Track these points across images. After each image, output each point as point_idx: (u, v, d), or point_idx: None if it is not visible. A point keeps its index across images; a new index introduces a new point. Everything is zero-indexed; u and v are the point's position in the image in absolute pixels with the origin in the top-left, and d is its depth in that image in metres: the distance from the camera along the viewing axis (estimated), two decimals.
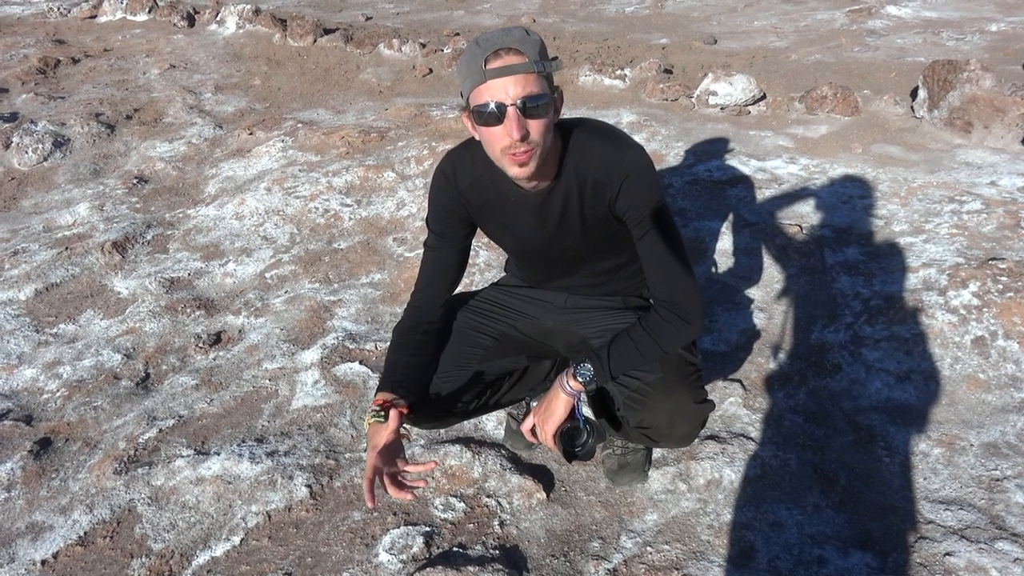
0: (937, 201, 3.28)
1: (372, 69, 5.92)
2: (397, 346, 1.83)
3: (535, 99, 1.47)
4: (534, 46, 1.48)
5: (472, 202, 1.77)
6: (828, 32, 6.76)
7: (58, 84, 5.85)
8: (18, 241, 3.69)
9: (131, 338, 2.96)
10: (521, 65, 1.46)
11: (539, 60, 1.48)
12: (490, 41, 1.47)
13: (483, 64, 1.46)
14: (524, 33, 1.49)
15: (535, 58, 1.47)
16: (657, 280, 1.69)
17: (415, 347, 1.82)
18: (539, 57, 1.48)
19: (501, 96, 1.46)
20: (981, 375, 2.40)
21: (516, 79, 1.46)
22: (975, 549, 1.83)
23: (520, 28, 1.50)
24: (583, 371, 1.70)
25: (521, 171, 1.55)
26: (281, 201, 3.85)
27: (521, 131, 1.47)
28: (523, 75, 1.46)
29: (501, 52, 1.46)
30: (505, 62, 1.46)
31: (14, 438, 2.46)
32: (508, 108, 1.47)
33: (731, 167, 3.80)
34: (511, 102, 1.46)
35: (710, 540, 1.94)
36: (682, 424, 1.76)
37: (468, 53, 1.50)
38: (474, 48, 1.49)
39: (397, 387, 1.73)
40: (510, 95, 1.46)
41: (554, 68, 1.51)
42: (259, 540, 2.02)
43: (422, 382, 1.82)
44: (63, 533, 2.09)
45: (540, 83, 1.49)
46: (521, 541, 1.98)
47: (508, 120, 1.47)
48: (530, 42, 1.48)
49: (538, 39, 1.50)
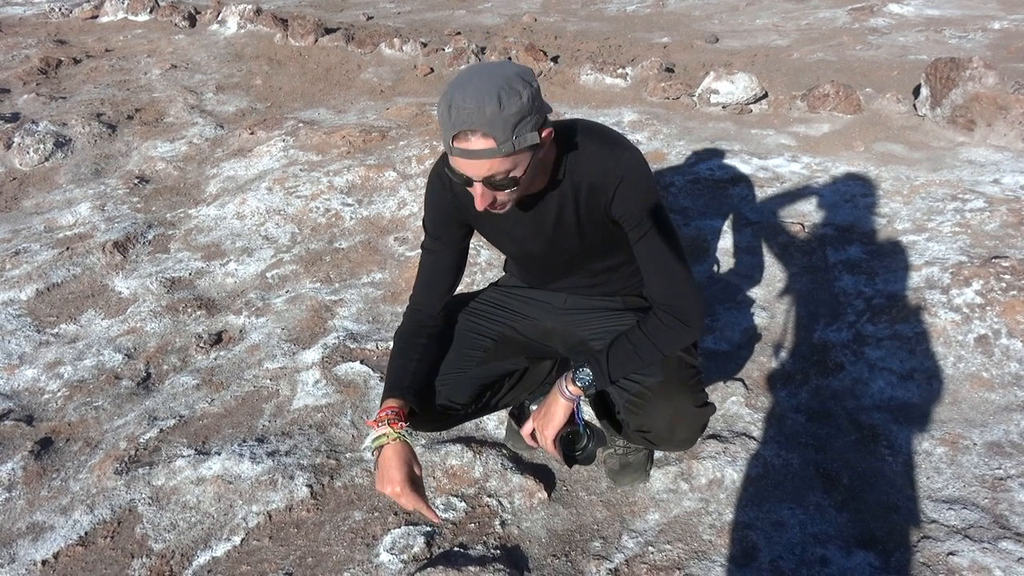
0: (940, 199, 3.27)
1: (373, 68, 5.92)
2: (403, 351, 1.81)
3: (502, 177, 1.46)
4: (507, 124, 1.39)
5: (467, 205, 1.75)
6: (830, 30, 6.75)
7: (59, 84, 5.85)
8: (19, 241, 3.69)
9: (132, 338, 2.96)
10: (486, 151, 1.41)
11: (509, 139, 1.40)
12: (461, 115, 1.38)
13: (451, 139, 1.43)
14: (497, 107, 1.37)
15: (505, 138, 1.39)
16: (655, 283, 1.68)
17: (421, 351, 1.81)
18: (511, 134, 1.40)
19: (467, 171, 1.47)
20: (984, 374, 2.39)
21: (481, 163, 1.43)
22: (978, 548, 1.82)
23: (495, 94, 1.38)
24: (582, 376, 1.69)
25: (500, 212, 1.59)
26: (282, 201, 3.85)
27: (487, 201, 1.51)
28: (488, 160, 1.43)
29: (468, 133, 1.40)
30: (470, 146, 1.41)
31: (15, 438, 2.45)
32: (475, 182, 1.48)
33: (733, 166, 3.79)
34: (477, 179, 1.47)
35: (712, 540, 1.93)
36: (682, 428, 1.75)
37: (441, 109, 1.43)
38: (446, 113, 1.41)
39: (407, 392, 1.73)
40: (475, 173, 1.46)
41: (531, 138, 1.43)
42: (260, 540, 2.02)
43: (428, 387, 1.82)
44: (64, 533, 2.09)
45: (509, 161, 1.44)
46: (522, 541, 1.97)
47: (475, 191, 1.50)
48: (502, 121, 1.38)
49: (514, 109, 1.39)
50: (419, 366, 1.79)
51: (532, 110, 1.42)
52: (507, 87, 1.39)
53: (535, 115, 1.43)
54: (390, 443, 1.63)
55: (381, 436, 1.64)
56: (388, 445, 1.63)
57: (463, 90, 1.39)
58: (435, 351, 1.86)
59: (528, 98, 1.41)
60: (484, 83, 1.39)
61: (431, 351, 1.84)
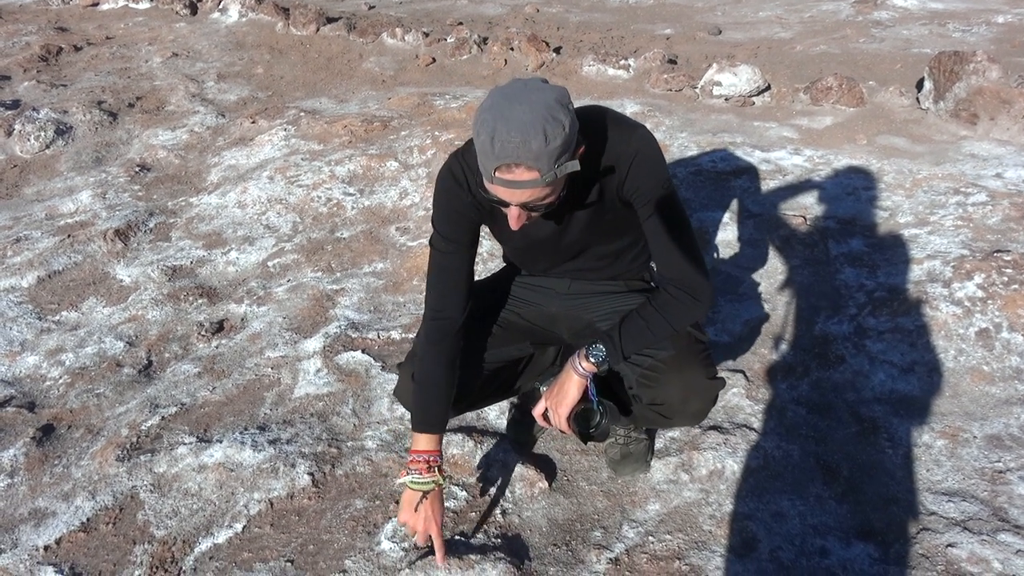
0: (942, 193, 3.27)
1: (375, 58, 5.90)
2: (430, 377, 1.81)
3: (540, 202, 1.50)
4: (551, 157, 1.39)
5: (485, 205, 1.71)
6: (833, 23, 6.73)
7: (60, 72, 5.84)
8: (20, 228, 3.68)
9: (133, 326, 2.96)
10: (530, 182, 1.42)
11: (552, 170, 1.41)
12: (506, 149, 1.37)
13: (492, 169, 1.42)
14: (543, 142, 1.36)
15: (548, 168, 1.40)
16: (665, 258, 1.69)
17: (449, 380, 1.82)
18: (554, 165, 1.40)
19: (506, 198, 1.48)
20: (985, 367, 2.39)
21: (523, 192, 1.45)
22: (977, 541, 1.83)
23: (543, 129, 1.36)
24: (595, 352, 1.70)
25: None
26: (284, 190, 3.84)
27: (522, 222, 1.54)
28: (529, 189, 1.44)
29: (513, 166, 1.40)
30: (514, 176, 1.42)
31: (17, 425, 2.46)
32: (511, 206, 1.50)
33: (735, 158, 3.78)
34: (515, 203, 1.49)
35: (712, 530, 1.94)
36: (695, 400, 1.77)
37: (482, 139, 1.40)
38: (487, 143, 1.39)
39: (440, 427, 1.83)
40: (514, 200, 1.48)
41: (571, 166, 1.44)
42: (261, 527, 2.03)
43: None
44: (66, 519, 2.10)
45: (549, 188, 1.46)
46: (523, 530, 1.98)
47: (510, 212, 1.52)
48: (548, 153, 1.38)
49: (559, 142, 1.38)
50: (449, 393, 1.82)
51: (573, 136, 1.44)
52: (551, 118, 1.38)
53: (575, 139, 1.45)
54: (435, 490, 1.78)
55: (428, 483, 1.77)
56: (432, 492, 1.78)
57: (506, 122, 1.37)
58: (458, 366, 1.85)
59: (569, 125, 1.41)
60: (527, 115, 1.37)
61: (457, 369, 1.84)
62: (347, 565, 1.89)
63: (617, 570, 1.84)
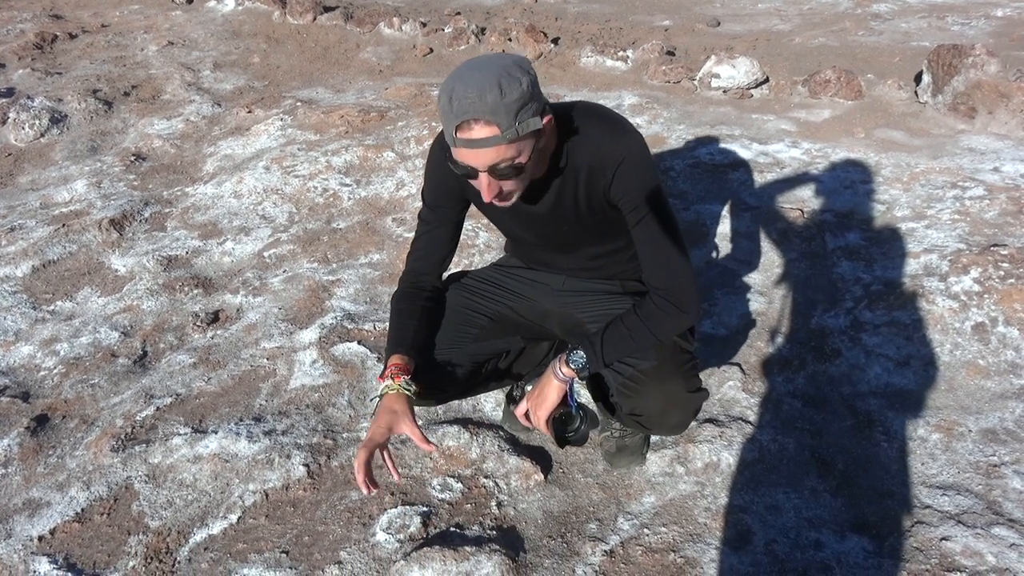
0: (939, 187, 3.27)
1: (372, 48, 5.87)
2: (402, 311, 1.82)
3: (507, 165, 1.46)
4: (509, 111, 1.39)
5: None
6: (832, 15, 6.71)
7: (55, 60, 5.80)
8: (15, 218, 3.66)
9: (128, 316, 2.95)
10: (491, 139, 1.41)
11: (512, 126, 1.41)
12: (463, 105, 1.39)
13: (454, 130, 1.43)
14: (498, 95, 1.38)
15: (508, 124, 1.40)
16: (652, 267, 1.68)
17: (420, 312, 1.83)
18: (514, 121, 1.40)
19: (472, 161, 1.46)
20: (981, 361, 2.40)
21: (486, 151, 1.43)
22: (971, 534, 1.83)
23: (497, 83, 1.38)
24: (576, 358, 1.69)
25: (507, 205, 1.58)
26: (280, 180, 3.83)
27: (494, 190, 1.50)
28: (493, 148, 1.43)
29: (471, 123, 1.40)
30: (474, 135, 1.41)
31: (11, 415, 2.45)
32: (480, 173, 1.47)
33: (733, 150, 3.77)
34: (482, 169, 1.46)
35: (707, 523, 1.94)
36: (674, 413, 1.76)
37: (442, 103, 1.43)
38: (446, 105, 1.42)
39: (411, 350, 1.75)
40: (479, 163, 1.46)
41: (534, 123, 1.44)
42: (256, 518, 2.02)
43: (427, 350, 1.83)
44: (60, 510, 2.09)
45: (514, 148, 1.44)
46: (518, 522, 1.98)
47: (480, 182, 1.49)
48: (504, 108, 1.39)
49: (516, 97, 1.39)
50: (419, 324, 1.81)
51: (532, 97, 1.43)
52: (506, 75, 1.40)
53: (535, 102, 1.44)
54: (388, 394, 1.67)
55: (384, 388, 1.68)
56: (385, 396, 1.67)
57: (463, 82, 1.40)
58: (433, 314, 1.87)
59: (528, 84, 1.42)
60: (483, 73, 1.40)
61: (429, 313, 1.85)
62: (342, 556, 1.89)
63: (612, 562, 1.84)
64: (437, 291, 1.90)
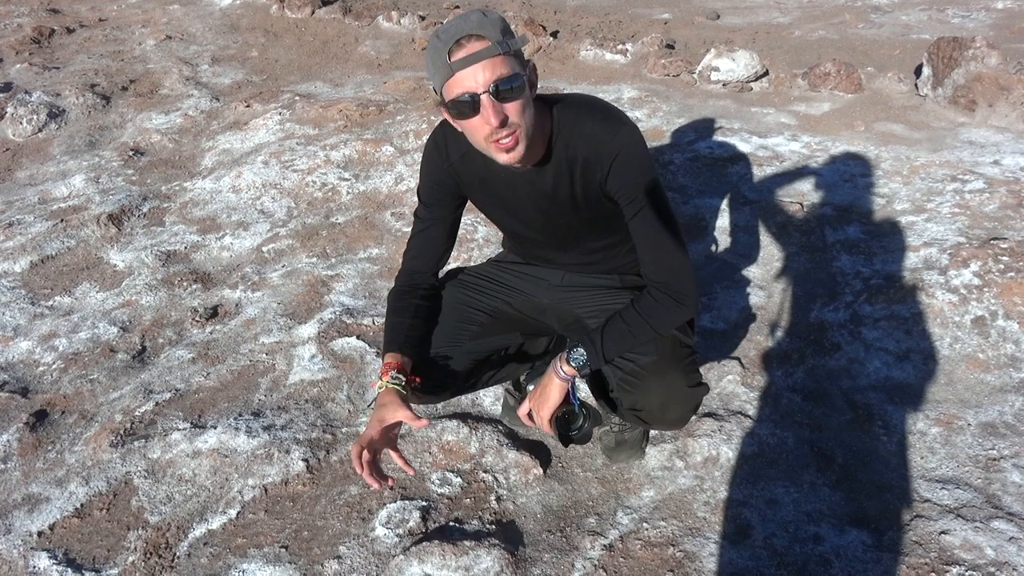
0: (939, 180, 3.26)
1: (371, 42, 5.85)
2: (397, 309, 1.81)
3: (508, 81, 1.44)
4: (495, 26, 1.43)
5: (463, 176, 1.75)
6: (832, 8, 6.69)
7: (53, 54, 5.78)
8: (13, 213, 3.66)
9: (127, 311, 2.95)
10: (485, 50, 1.41)
11: (503, 40, 1.43)
12: (449, 31, 1.43)
13: (447, 57, 1.42)
14: (482, 16, 1.45)
15: (498, 39, 1.42)
16: (650, 260, 1.67)
17: (415, 310, 1.81)
18: (502, 37, 1.43)
19: (471, 85, 1.43)
20: (980, 355, 2.39)
21: (483, 65, 1.42)
22: (971, 528, 1.83)
23: (477, 11, 1.46)
24: (576, 356, 1.68)
25: (509, 157, 1.52)
26: (278, 175, 3.82)
27: (499, 116, 1.45)
28: (489, 59, 1.42)
29: (462, 40, 1.41)
30: (468, 50, 1.42)
31: (10, 410, 2.45)
32: (481, 96, 1.43)
33: (732, 144, 3.77)
34: (483, 89, 1.43)
35: (706, 517, 1.94)
36: (675, 407, 1.75)
37: (431, 48, 1.46)
38: (435, 42, 1.44)
39: (405, 348, 1.73)
40: (480, 82, 1.43)
41: (521, 44, 1.48)
42: (256, 513, 2.02)
43: (424, 348, 1.81)
44: (59, 505, 2.09)
45: (509, 63, 1.44)
46: (517, 516, 1.98)
47: (484, 108, 1.44)
48: (489, 23, 1.43)
49: (498, 18, 1.46)
50: (413, 322, 1.80)
51: (515, 34, 1.48)
52: (486, 8, 1.48)
53: (518, 37, 1.49)
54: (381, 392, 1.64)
55: (376, 390, 1.66)
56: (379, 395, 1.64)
57: (446, 23, 1.47)
58: (430, 311, 1.85)
59: (506, 20, 1.48)
60: (463, 13, 1.48)
61: (425, 310, 1.84)
62: (341, 551, 1.89)
63: (611, 556, 1.85)
64: (433, 289, 1.89)
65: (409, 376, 1.69)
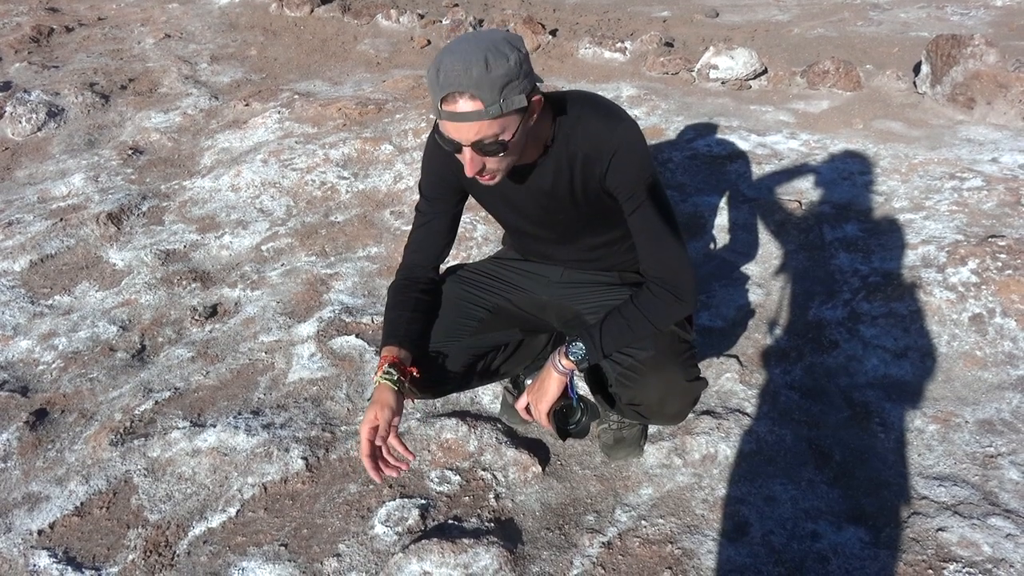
0: (938, 178, 3.26)
1: (370, 40, 5.85)
2: (397, 303, 1.81)
3: (491, 143, 1.46)
4: (494, 86, 1.39)
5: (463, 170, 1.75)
6: (831, 6, 6.69)
7: (52, 53, 5.78)
8: (12, 212, 3.66)
9: (127, 310, 2.95)
10: (474, 113, 1.41)
11: (496, 102, 1.40)
12: (448, 78, 1.39)
13: (439, 103, 1.43)
14: (484, 69, 1.38)
15: (493, 100, 1.40)
16: (648, 256, 1.68)
17: (415, 304, 1.82)
18: (499, 96, 1.40)
19: (455, 135, 1.46)
20: (978, 352, 2.40)
21: (469, 125, 1.43)
22: (968, 525, 1.84)
23: (484, 58, 1.38)
24: (575, 350, 1.69)
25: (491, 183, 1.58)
26: (277, 173, 3.82)
27: (477, 167, 1.50)
28: (476, 123, 1.43)
29: (456, 96, 1.40)
30: (458, 109, 1.42)
31: (9, 409, 2.45)
32: (463, 147, 1.47)
33: (731, 142, 3.77)
34: (466, 143, 1.46)
35: (705, 514, 1.95)
36: (673, 402, 1.76)
37: (430, 75, 1.44)
38: (434, 77, 1.42)
39: (404, 342, 1.73)
40: (463, 137, 1.46)
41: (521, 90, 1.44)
42: (255, 511, 2.03)
43: (423, 341, 1.81)
44: (59, 503, 2.10)
45: (498, 125, 1.44)
46: (516, 514, 1.98)
47: (464, 156, 1.49)
48: (489, 83, 1.38)
49: (502, 71, 1.39)
50: (414, 315, 1.80)
51: (520, 74, 1.43)
52: (494, 50, 1.40)
53: (523, 80, 1.44)
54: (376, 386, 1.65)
55: (378, 379, 1.66)
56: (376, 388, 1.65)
57: (451, 54, 1.41)
58: (428, 306, 1.86)
59: (516, 62, 1.42)
60: (472, 47, 1.40)
61: (425, 304, 1.84)
62: (341, 549, 1.89)
63: (610, 554, 1.85)
64: (433, 283, 1.89)
65: (407, 368, 1.69)
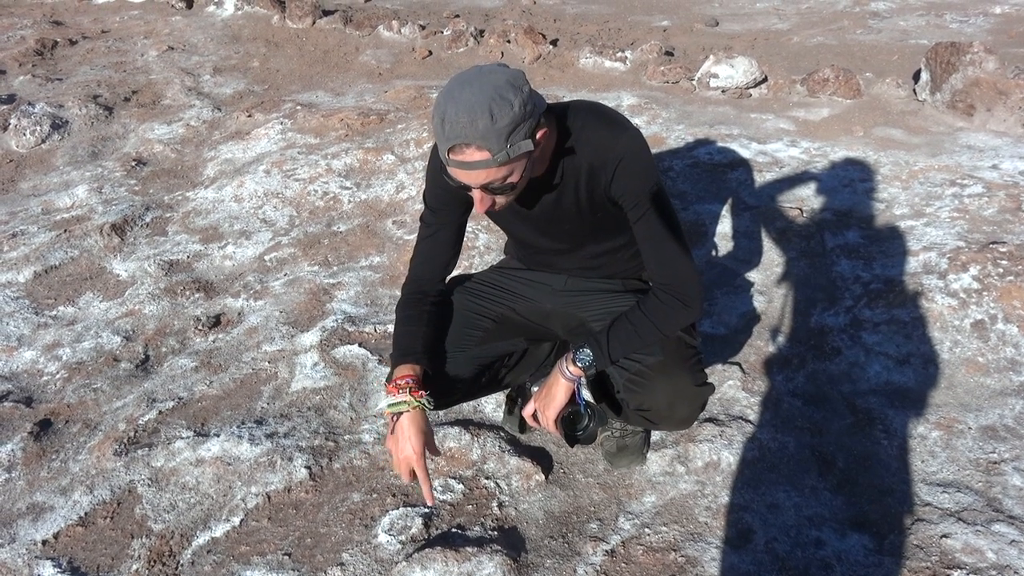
0: (938, 184, 3.27)
1: (371, 51, 5.88)
2: (409, 318, 1.82)
3: (500, 185, 1.51)
4: (499, 135, 1.40)
5: None
6: (831, 14, 6.71)
7: (55, 66, 5.82)
8: (17, 223, 3.68)
9: (131, 320, 2.96)
10: (482, 163, 1.44)
11: (503, 150, 1.42)
12: (455, 130, 1.41)
13: (447, 152, 1.46)
14: (489, 121, 1.39)
15: (499, 148, 1.42)
16: (654, 263, 1.69)
17: (428, 319, 1.82)
18: (505, 144, 1.42)
19: (464, 180, 1.50)
20: (980, 358, 2.40)
21: (477, 173, 1.46)
22: (972, 531, 1.84)
23: (488, 109, 1.39)
24: (582, 356, 1.70)
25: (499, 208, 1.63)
26: (280, 184, 3.84)
27: (486, 205, 1.55)
28: (484, 170, 1.46)
29: (463, 147, 1.42)
30: (465, 158, 1.44)
31: (14, 419, 2.46)
32: (472, 189, 1.52)
33: (732, 150, 3.78)
34: (475, 186, 1.51)
35: (708, 522, 1.94)
36: (682, 407, 1.76)
37: (435, 123, 1.44)
38: (440, 127, 1.43)
39: (422, 358, 1.74)
40: (472, 183, 1.50)
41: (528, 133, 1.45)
42: (259, 521, 2.03)
43: (438, 356, 1.82)
44: (64, 513, 2.10)
45: (504, 169, 1.47)
46: (519, 522, 1.98)
47: (474, 195, 1.54)
48: (495, 132, 1.40)
49: (507, 121, 1.40)
50: (428, 331, 1.80)
51: (524, 116, 1.44)
52: (498, 98, 1.40)
53: (528, 120, 1.45)
54: (409, 411, 1.64)
55: (401, 403, 1.64)
56: (407, 413, 1.64)
57: (455, 103, 1.41)
58: (440, 317, 1.86)
59: (520, 105, 1.42)
60: (475, 95, 1.40)
61: (436, 318, 1.85)
62: (344, 558, 1.89)
63: (613, 562, 1.85)
64: (442, 295, 1.89)
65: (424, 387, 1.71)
